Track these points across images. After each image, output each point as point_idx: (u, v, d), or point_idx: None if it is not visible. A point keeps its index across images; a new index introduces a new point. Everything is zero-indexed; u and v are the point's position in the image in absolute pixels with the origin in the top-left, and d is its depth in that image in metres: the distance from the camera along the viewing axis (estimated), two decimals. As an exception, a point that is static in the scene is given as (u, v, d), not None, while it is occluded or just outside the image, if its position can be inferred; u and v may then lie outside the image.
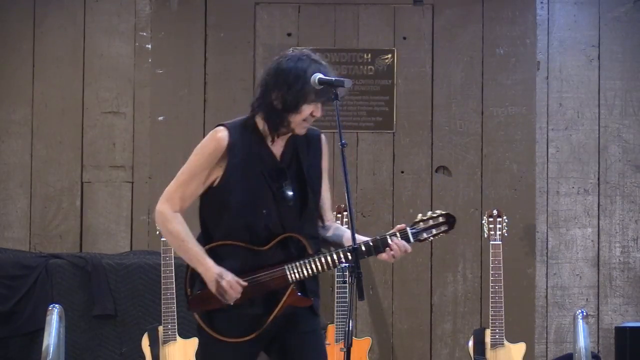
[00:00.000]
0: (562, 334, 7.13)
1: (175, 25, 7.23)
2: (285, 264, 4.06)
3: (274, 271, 4.06)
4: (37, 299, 6.57)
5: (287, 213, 4.09)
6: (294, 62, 4.05)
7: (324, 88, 4.01)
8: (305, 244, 4.07)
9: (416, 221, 4.12)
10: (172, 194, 4.16)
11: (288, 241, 4.08)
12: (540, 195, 7.18)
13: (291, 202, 4.09)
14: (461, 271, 7.12)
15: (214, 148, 4.11)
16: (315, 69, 4.02)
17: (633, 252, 7.17)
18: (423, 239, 4.13)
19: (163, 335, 6.21)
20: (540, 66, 7.20)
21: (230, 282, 4.01)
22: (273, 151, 4.12)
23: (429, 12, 7.20)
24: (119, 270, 6.61)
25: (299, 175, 4.12)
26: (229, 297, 4.03)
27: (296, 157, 4.14)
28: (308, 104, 4.02)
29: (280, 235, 4.06)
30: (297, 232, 4.08)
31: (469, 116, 7.19)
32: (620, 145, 7.19)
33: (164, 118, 7.20)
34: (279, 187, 4.09)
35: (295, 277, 4.05)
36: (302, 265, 4.05)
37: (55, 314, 5.77)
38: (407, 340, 7.12)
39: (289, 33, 7.19)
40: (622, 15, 7.22)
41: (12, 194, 7.20)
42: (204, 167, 4.13)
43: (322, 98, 4.03)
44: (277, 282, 4.05)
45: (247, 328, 4.07)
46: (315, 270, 4.04)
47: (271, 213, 4.07)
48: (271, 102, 4.04)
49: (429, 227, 4.13)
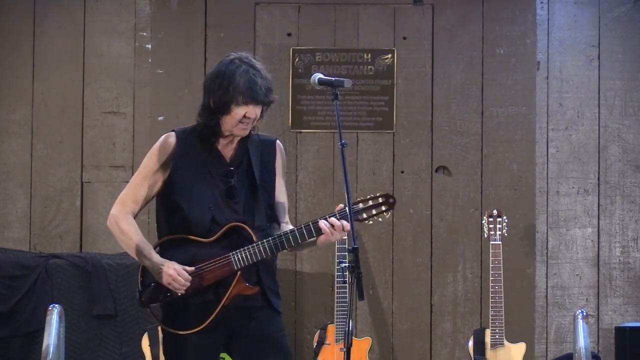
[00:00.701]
0: (562, 334, 7.13)
1: (175, 25, 7.23)
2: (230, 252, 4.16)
3: (220, 259, 4.17)
4: (37, 299, 6.57)
5: (235, 209, 4.22)
6: (225, 65, 4.23)
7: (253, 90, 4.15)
8: (250, 232, 4.17)
9: (356, 201, 4.18)
10: (125, 197, 4.36)
11: (234, 232, 4.19)
12: (540, 195, 7.17)
13: (237, 199, 4.23)
14: (461, 271, 7.12)
15: (161, 151, 4.31)
16: (244, 71, 4.17)
17: (633, 252, 7.16)
18: (362, 219, 4.19)
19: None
20: (540, 66, 7.20)
21: (177, 269, 4.15)
22: (223, 153, 4.29)
23: (429, 12, 7.20)
24: (119, 270, 6.61)
25: (248, 175, 4.27)
26: (178, 285, 4.14)
27: (247, 159, 4.29)
28: (238, 105, 4.17)
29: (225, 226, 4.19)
30: (244, 222, 4.19)
31: (469, 116, 7.18)
32: (620, 145, 7.19)
33: (164, 118, 7.19)
34: (225, 184, 4.24)
35: (240, 264, 4.15)
36: (245, 251, 4.14)
37: (55, 314, 5.76)
38: (407, 340, 7.12)
39: (289, 33, 7.19)
40: (622, 15, 7.22)
41: (12, 194, 7.20)
42: (153, 169, 4.31)
43: (254, 100, 4.17)
44: (224, 271, 4.16)
45: (198, 319, 4.16)
46: (258, 256, 4.14)
47: (218, 208, 4.20)
48: (208, 105, 4.25)
49: (369, 207, 4.18)
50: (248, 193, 4.26)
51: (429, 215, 7.10)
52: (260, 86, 4.18)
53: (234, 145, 4.32)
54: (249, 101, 4.17)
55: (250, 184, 4.27)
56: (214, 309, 4.15)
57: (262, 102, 4.20)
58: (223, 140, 4.30)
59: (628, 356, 5.71)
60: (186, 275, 4.15)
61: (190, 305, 4.19)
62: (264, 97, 4.19)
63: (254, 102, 4.17)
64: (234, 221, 4.20)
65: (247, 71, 4.19)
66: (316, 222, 4.14)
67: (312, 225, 4.14)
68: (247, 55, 4.28)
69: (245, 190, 4.26)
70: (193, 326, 4.16)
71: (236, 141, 4.32)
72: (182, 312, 4.20)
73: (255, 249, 4.14)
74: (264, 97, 4.19)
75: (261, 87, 4.18)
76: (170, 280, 4.15)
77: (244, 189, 4.26)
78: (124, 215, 4.34)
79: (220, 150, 4.30)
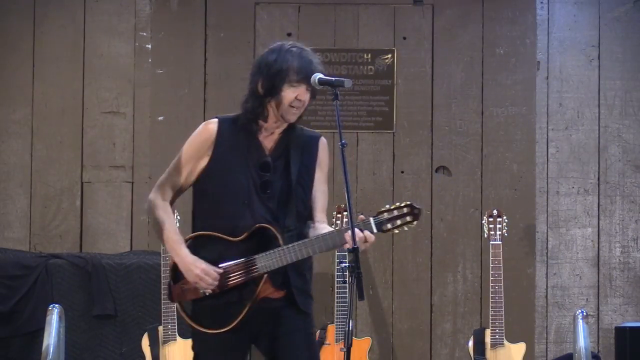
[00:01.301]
0: (562, 334, 7.13)
1: (175, 25, 7.23)
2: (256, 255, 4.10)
3: (246, 261, 4.10)
4: (37, 299, 6.57)
5: (267, 204, 4.14)
6: (278, 47, 4.14)
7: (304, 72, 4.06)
8: (276, 234, 4.09)
9: (380, 211, 4.10)
10: (164, 183, 4.25)
11: (262, 233, 4.12)
12: (540, 195, 7.17)
13: (270, 193, 4.14)
14: (461, 271, 7.12)
15: (203, 137, 4.20)
16: (297, 52, 4.09)
17: (633, 252, 7.16)
18: (387, 229, 4.09)
19: (163, 335, 6.21)
20: (540, 66, 7.20)
21: (205, 269, 4.09)
22: (263, 144, 4.19)
23: (429, 12, 7.20)
24: (119, 270, 6.60)
25: (286, 169, 4.17)
26: (205, 285, 4.09)
27: (286, 153, 4.19)
28: (291, 84, 4.08)
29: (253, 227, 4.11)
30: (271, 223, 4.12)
31: (469, 116, 7.18)
32: (620, 145, 7.19)
33: (164, 118, 7.19)
34: (260, 178, 4.15)
35: (266, 269, 4.08)
36: (271, 255, 4.08)
37: (55, 314, 5.77)
38: (407, 340, 7.12)
39: (289, 33, 7.19)
40: (622, 15, 7.22)
41: (12, 194, 7.20)
42: (192, 156, 4.21)
43: (305, 82, 4.06)
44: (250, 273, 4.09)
45: (224, 319, 4.11)
46: (283, 261, 4.06)
47: (252, 203, 4.13)
48: (255, 90, 4.13)
49: (393, 218, 4.09)
50: (283, 188, 4.16)
51: (429, 215, 7.10)
52: (316, 65, 4.08)
53: (275, 137, 4.20)
54: (302, 80, 4.06)
55: (286, 179, 4.17)
56: (241, 311, 4.09)
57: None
58: (265, 132, 4.19)
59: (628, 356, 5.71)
60: (214, 275, 4.09)
61: (218, 305, 4.12)
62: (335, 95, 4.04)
63: (306, 81, 4.06)
64: (263, 218, 4.12)
65: (301, 52, 4.10)
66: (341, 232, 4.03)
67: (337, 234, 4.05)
68: (294, 42, 4.18)
69: (281, 185, 4.16)
70: (219, 326, 4.10)
71: (278, 133, 4.20)
72: (209, 310, 4.14)
73: (280, 254, 4.06)
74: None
75: (316, 67, 4.08)
76: (197, 280, 4.09)
77: (279, 182, 4.16)
78: (161, 202, 4.22)
79: (261, 140, 4.19)
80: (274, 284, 4.10)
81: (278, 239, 4.09)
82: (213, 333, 4.12)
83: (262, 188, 4.15)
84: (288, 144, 4.19)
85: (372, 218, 4.06)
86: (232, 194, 4.14)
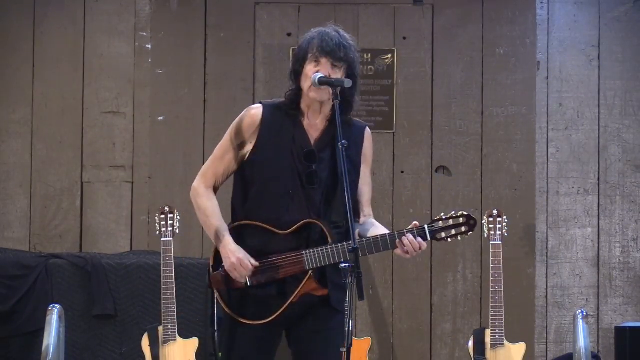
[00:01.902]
0: (562, 334, 7.13)
1: (175, 25, 7.23)
2: (303, 250, 4.04)
3: (292, 256, 4.05)
4: (37, 299, 6.57)
5: (313, 196, 4.08)
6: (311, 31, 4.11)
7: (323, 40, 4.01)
8: (326, 232, 4.04)
9: (435, 219, 4.07)
10: (207, 170, 4.20)
11: (310, 227, 4.06)
12: (540, 195, 7.18)
13: (316, 185, 4.08)
14: (461, 271, 7.12)
15: (247, 123, 4.13)
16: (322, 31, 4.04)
17: (633, 252, 7.17)
18: (440, 238, 4.06)
19: (163, 335, 6.21)
20: (540, 66, 7.20)
21: (241, 259, 4.04)
22: (309, 133, 4.13)
23: (429, 12, 7.20)
24: (119, 270, 6.60)
25: (332, 161, 4.10)
26: (237, 275, 4.05)
27: (333, 144, 4.10)
28: (309, 61, 4.03)
29: (302, 221, 4.05)
30: (320, 218, 4.06)
31: (469, 116, 7.18)
32: (620, 145, 7.19)
33: (164, 118, 7.19)
34: (306, 168, 4.09)
35: (312, 265, 4.03)
36: (319, 252, 4.02)
37: (55, 314, 5.77)
38: (407, 340, 7.12)
39: (289, 33, 7.19)
40: (622, 15, 7.22)
41: (12, 194, 7.20)
42: (237, 142, 4.15)
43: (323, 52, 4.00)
44: (294, 269, 4.05)
45: (263, 312, 4.07)
46: (332, 259, 3.99)
47: (297, 195, 4.07)
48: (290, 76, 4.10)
49: (448, 227, 4.06)
50: (329, 181, 4.08)
51: (429, 215, 7.09)
52: (333, 39, 4.01)
53: (321, 126, 4.13)
54: (318, 55, 4.00)
55: (332, 171, 4.09)
56: (281, 305, 4.04)
57: (333, 55, 3.99)
58: (309, 120, 4.12)
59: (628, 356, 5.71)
60: (248, 266, 4.03)
61: (258, 297, 4.07)
62: (334, 48, 3.98)
63: (323, 54, 3.99)
64: (310, 212, 4.06)
65: (326, 31, 4.04)
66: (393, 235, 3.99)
67: (389, 237, 4.00)
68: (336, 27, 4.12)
69: (327, 177, 4.10)
70: (258, 318, 4.06)
71: (323, 123, 4.13)
72: (248, 301, 4.09)
73: (329, 252, 4.01)
74: (334, 49, 3.98)
75: (333, 40, 4.01)
76: (232, 268, 4.04)
77: (325, 174, 4.09)
78: (205, 190, 4.16)
79: (307, 129, 4.12)
80: (316, 280, 4.05)
81: (327, 236, 4.03)
82: (252, 324, 4.08)
83: (308, 180, 4.08)
84: (335, 134, 4.05)
85: (427, 226, 4.03)
86: (277, 184, 4.08)
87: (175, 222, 6.25)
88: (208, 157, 4.26)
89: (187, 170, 7.07)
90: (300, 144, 4.11)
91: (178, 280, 6.28)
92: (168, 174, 7.17)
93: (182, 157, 7.16)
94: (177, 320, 6.20)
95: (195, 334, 6.33)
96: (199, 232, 6.99)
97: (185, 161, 7.14)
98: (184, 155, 7.17)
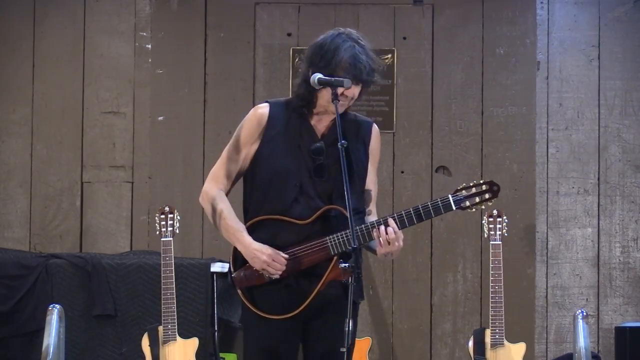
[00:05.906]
0: (562, 334, 7.13)
1: (175, 25, 7.23)
2: (327, 237, 4.02)
3: (316, 243, 4.03)
4: (37, 299, 6.57)
5: (323, 188, 4.08)
6: (331, 38, 4.06)
7: (356, 68, 3.99)
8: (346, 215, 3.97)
9: (458, 189, 4.06)
10: (217, 172, 4.18)
11: (330, 215, 4.05)
12: (540, 195, 7.17)
13: (325, 177, 4.08)
14: (461, 271, 7.12)
15: (254, 122, 4.14)
16: (349, 46, 4.02)
17: (633, 252, 7.17)
18: (465, 207, 4.06)
19: (163, 335, 6.21)
20: (540, 66, 7.20)
21: (272, 255, 4.02)
22: (315, 128, 4.13)
23: (429, 12, 7.20)
24: (119, 270, 6.60)
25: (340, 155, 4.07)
26: (273, 271, 4.01)
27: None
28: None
29: (321, 209, 4.04)
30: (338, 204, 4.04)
31: (469, 116, 7.18)
32: (620, 145, 7.19)
33: (164, 118, 7.19)
34: (314, 161, 4.09)
35: (338, 249, 4.00)
36: (343, 236, 4.00)
37: (55, 314, 5.76)
38: (407, 340, 7.12)
39: (289, 33, 7.19)
40: (622, 15, 7.22)
41: (12, 194, 7.20)
42: (245, 141, 4.14)
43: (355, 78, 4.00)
44: (320, 255, 4.02)
45: (290, 304, 4.04)
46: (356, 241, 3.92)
47: (303, 186, 4.06)
48: (307, 77, 4.05)
49: (472, 195, 4.06)
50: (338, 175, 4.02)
51: (429, 215, 7.09)
52: (365, 64, 4.01)
53: (328, 122, 4.14)
54: (350, 79, 3.99)
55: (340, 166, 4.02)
56: (308, 295, 4.01)
57: (364, 81, 4.02)
58: (317, 116, 4.13)
59: (628, 356, 5.71)
60: (282, 260, 4.01)
61: (283, 290, 4.05)
62: (366, 76, 4.01)
63: (355, 80, 4.01)
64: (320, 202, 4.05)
65: (353, 47, 4.02)
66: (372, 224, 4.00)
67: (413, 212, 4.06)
68: (354, 31, 4.10)
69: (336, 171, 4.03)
70: (284, 311, 4.03)
71: (330, 118, 4.12)
72: (273, 296, 4.06)
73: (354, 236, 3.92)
74: (366, 76, 4.01)
75: (365, 66, 4.01)
76: (265, 266, 4.00)
77: (334, 168, 4.07)
78: (216, 191, 4.13)
79: (314, 125, 4.13)
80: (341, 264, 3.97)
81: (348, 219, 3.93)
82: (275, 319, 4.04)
83: (317, 172, 4.09)
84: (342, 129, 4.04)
85: (451, 195, 4.05)
86: (282, 177, 4.07)
87: (175, 222, 6.25)
88: (208, 157, 4.27)
89: (187, 170, 7.07)
90: (308, 138, 4.12)
91: (178, 280, 6.28)
92: (168, 174, 7.17)
93: (182, 157, 7.16)
94: (177, 320, 6.20)
95: (195, 334, 6.32)
96: (199, 232, 6.99)
97: (185, 161, 7.14)
98: (184, 155, 7.17)
